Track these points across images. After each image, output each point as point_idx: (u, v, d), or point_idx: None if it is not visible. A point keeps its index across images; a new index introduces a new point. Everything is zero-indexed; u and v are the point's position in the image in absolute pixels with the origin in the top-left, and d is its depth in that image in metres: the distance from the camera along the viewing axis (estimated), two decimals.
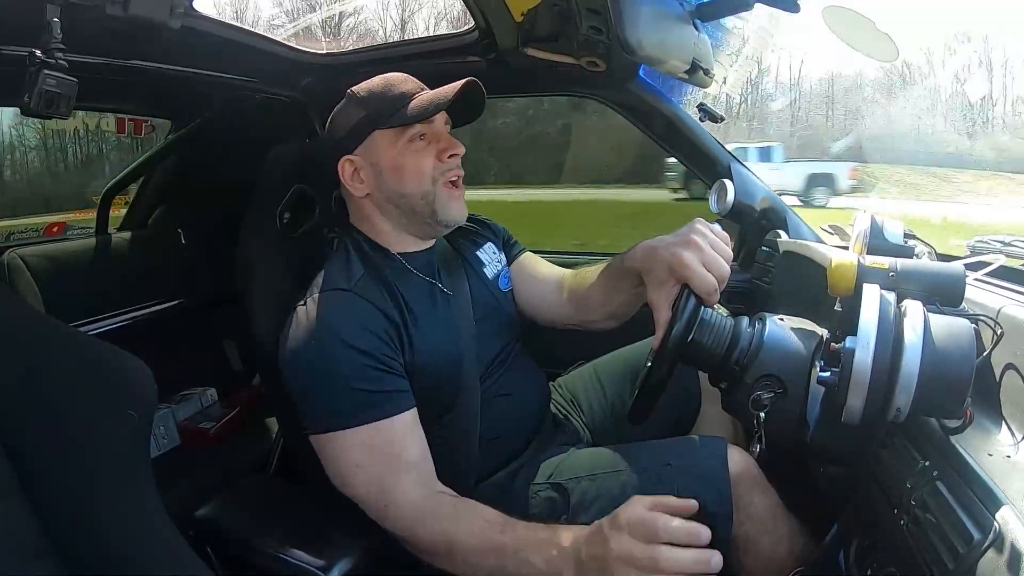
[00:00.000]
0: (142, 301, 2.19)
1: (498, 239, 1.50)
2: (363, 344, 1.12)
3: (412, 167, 1.24)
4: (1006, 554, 0.63)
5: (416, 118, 1.21)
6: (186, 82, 1.64)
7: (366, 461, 1.11)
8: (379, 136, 1.24)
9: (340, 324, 1.13)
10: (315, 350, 1.13)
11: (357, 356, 1.11)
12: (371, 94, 1.26)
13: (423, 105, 1.22)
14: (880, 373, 0.80)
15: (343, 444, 1.11)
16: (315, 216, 1.40)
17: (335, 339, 1.12)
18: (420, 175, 1.24)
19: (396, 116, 1.22)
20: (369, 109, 1.25)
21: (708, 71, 1.59)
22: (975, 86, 14.89)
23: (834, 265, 0.97)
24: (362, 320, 1.15)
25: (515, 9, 1.46)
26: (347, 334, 1.12)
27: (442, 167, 1.25)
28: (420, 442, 1.15)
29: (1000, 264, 1.11)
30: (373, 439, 1.11)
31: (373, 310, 1.17)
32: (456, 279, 1.34)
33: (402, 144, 1.23)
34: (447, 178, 1.26)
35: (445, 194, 1.26)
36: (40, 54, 1.06)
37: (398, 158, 1.24)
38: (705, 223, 1.11)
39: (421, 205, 1.26)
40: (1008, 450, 0.78)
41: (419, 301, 1.24)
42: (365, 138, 1.25)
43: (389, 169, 1.24)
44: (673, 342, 1.00)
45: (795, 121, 15.38)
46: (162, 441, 2.01)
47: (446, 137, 1.27)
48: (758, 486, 1.20)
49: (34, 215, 2.98)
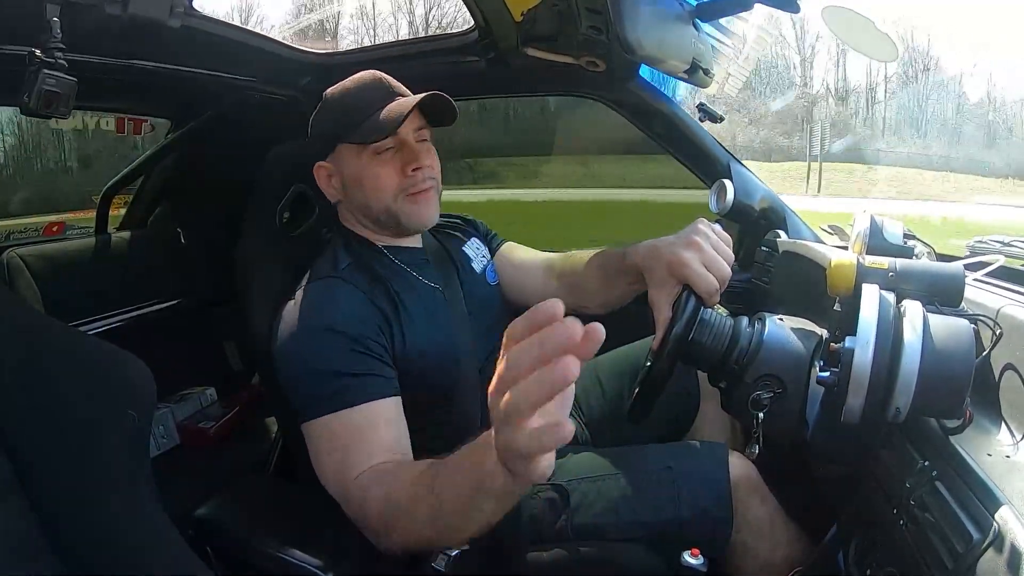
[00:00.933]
0: (141, 301, 2.19)
1: (480, 233, 1.50)
2: (347, 328, 1.11)
3: (373, 182, 1.22)
4: (1005, 554, 0.63)
5: (373, 137, 1.19)
6: (185, 81, 1.64)
7: (336, 447, 1.07)
8: (345, 148, 1.24)
9: (324, 310, 1.14)
10: (300, 338, 1.13)
11: (341, 340, 1.10)
12: (339, 103, 1.25)
13: (382, 121, 1.19)
14: (879, 373, 0.80)
15: (323, 430, 1.09)
16: (314, 216, 1.40)
17: (319, 325, 1.12)
18: (381, 191, 1.23)
19: (357, 132, 1.20)
20: (335, 120, 1.24)
21: (708, 71, 1.59)
22: (974, 87, 14.88)
23: (834, 265, 0.97)
24: (346, 304, 1.15)
25: (515, 9, 1.46)
26: (328, 318, 1.12)
27: (405, 182, 1.22)
28: (398, 431, 1.10)
29: (999, 264, 1.11)
30: (349, 423, 1.07)
31: (359, 294, 1.16)
32: (447, 275, 1.33)
33: (365, 157, 1.22)
34: (411, 191, 1.23)
35: (408, 207, 1.24)
36: (39, 53, 1.06)
37: (360, 172, 1.23)
38: (707, 224, 1.11)
39: (385, 217, 1.25)
40: (1007, 450, 0.78)
41: (408, 293, 1.23)
42: (333, 148, 1.25)
43: (352, 181, 1.25)
44: (673, 342, 1.00)
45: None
46: (161, 440, 2.01)
47: (411, 149, 1.23)
48: (757, 493, 1.20)
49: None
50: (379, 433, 1.08)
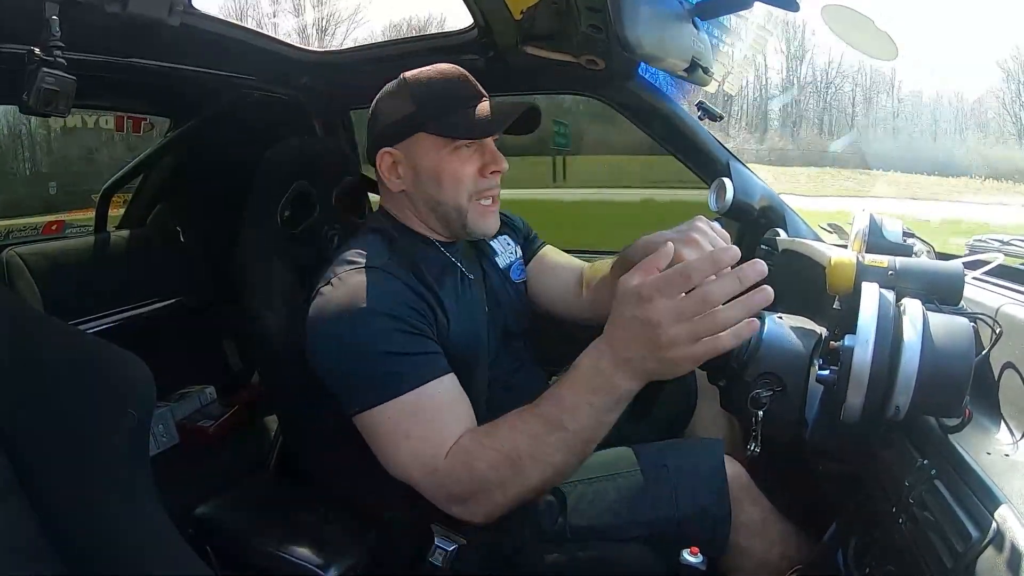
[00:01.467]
0: (141, 299, 2.19)
1: (517, 232, 1.48)
2: (396, 311, 1.09)
3: (451, 178, 1.20)
4: (1004, 553, 0.63)
5: (468, 134, 1.18)
6: (185, 80, 1.64)
7: (414, 429, 1.06)
8: (424, 137, 1.19)
9: (372, 297, 1.10)
10: (348, 326, 1.09)
11: (392, 323, 1.08)
12: (425, 90, 1.21)
13: (481, 120, 1.18)
14: (879, 371, 0.80)
15: (390, 416, 1.06)
16: (315, 214, 1.40)
17: (368, 311, 1.08)
18: (458, 187, 1.21)
19: (448, 125, 1.18)
20: (419, 107, 1.19)
21: (707, 69, 1.59)
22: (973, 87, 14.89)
23: (833, 263, 0.97)
24: (393, 293, 1.12)
25: (514, 7, 1.46)
26: (379, 305, 1.09)
27: (482, 183, 1.22)
28: (467, 405, 1.11)
29: (999, 263, 1.11)
30: (419, 404, 1.06)
31: (403, 287, 1.14)
32: (472, 265, 1.32)
33: (447, 152, 1.19)
34: (484, 195, 1.22)
35: (479, 210, 1.23)
36: (39, 52, 1.06)
37: (439, 165, 1.20)
38: (706, 221, 1.11)
39: (454, 215, 1.23)
40: (1007, 449, 0.78)
41: (446, 283, 1.22)
42: (411, 135, 1.20)
43: (428, 173, 1.21)
44: None
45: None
46: (161, 439, 2.01)
47: (492, 151, 1.22)
48: (748, 494, 1.20)
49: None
50: (455, 407, 1.09)
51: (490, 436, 1.03)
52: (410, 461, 1.06)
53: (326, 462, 1.16)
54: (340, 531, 1.12)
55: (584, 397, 0.96)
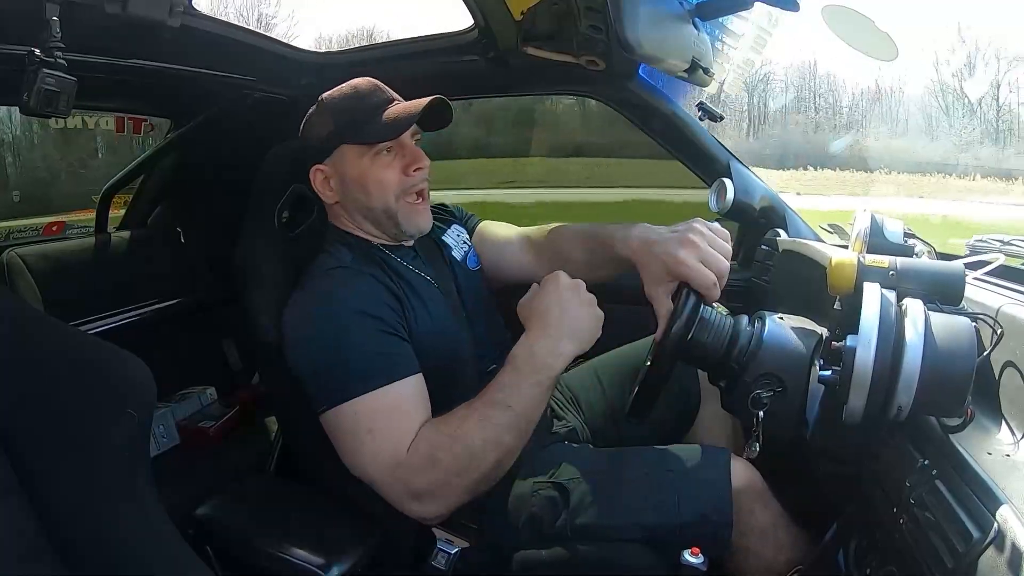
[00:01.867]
0: (141, 300, 2.18)
1: (458, 219, 1.51)
2: (369, 309, 1.15)
3: (376, 182, 1.26)
4: (1006, 553, 0.63)
5: (381, 137, 1.23)
6: (185, 81, 1.64)
7: (377, 425, 1.10)
8: (346, 149, 1.26)
9: (345, 293, 1.16)
10: (322, 322, 1.15)
11: (365, 320, 1.13)
12: (339, 106, 1.27)
13: (388, 122, 1.23)
14: (882, 372, 0.80)
15: (356, 412, 1.10)
16: (313, 215, 1.40)
17: (340, 307, 1.14)
18: (383, 190, 1.26)
19: (361, 132, 1.24)
20: (336, 122, 1.26)
21: (708, 70, 1.59)
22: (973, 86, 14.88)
23: (834, 264, 0.97)
24: (365, 288, 1.18)
25: (514, 8, 1.46)
26: (352, 302, 1.14)
27: (407, 182, 1.27)
28: (427, 404, 1.15)
29: (999, 263, 1.11)
30: (385, 402, 1.10)
31: (373, 281, 1.20)
32: (437, 266, 1.37)
33: (368, 159, 1.25)
34: (411, 192, 1.28)
35: (407, 208, 1.28)
36: (39, 53, 1.06)
37: (363, 173, 1.26)
38: (703, 222, 1.11)
39: (384, 218, 1.28)
40: (1007, 449, 0.78)
41: (408, 286, 1.26)
42: (333, 150, 1.27)
43: (354, 182, 1.27)
44: (673, 340, 1.00)
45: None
46: (161, 440, 2.01)
47: (412, 150, 1.28)
48: (760, 499, 1.20)
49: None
50: (417, 406, 1.14)
51: (447, 425, 1.10)
52: (372, 458, 1.10)
53: (326, 463, 1.16)
54: (341, 532, 1.12)
55: (528, 378, 1.11)
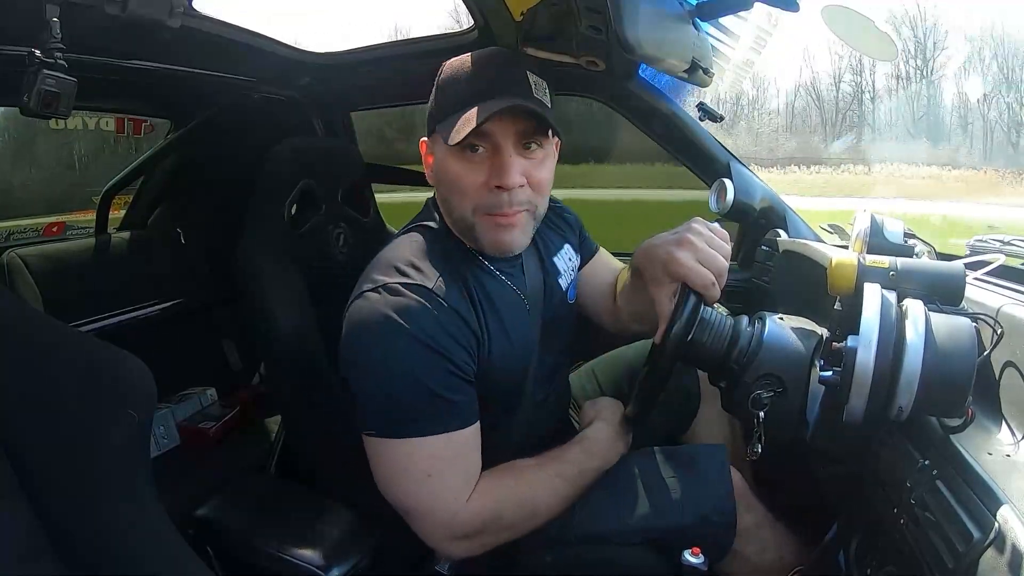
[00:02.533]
0: (141, 301, 2.19)
1: (575, 236, 1.42)
2: (444, 349, 1.04)
3: (455, 184, 1.10)
4: (1006, 553, 0.63)
5: (445, 138, 1.06)
6: (185, 81, 1.64)
7: (436, 471, 1.04)
8: (437, 133, 1.12)
9: (422, 325, 1.03)
10: (393, 347, 1.03)
11: (437, 360, 1.04)
12: (443, 83, 1.12)
13: (461, 123, 1.05)
14: (882, 372, 0.80)
15: (410, 452, 1.04)
16: (320, 212, 1.40)
17: (416, 339, 1.02)
18: (461, 196, 1.10)
19: (441, 125, 1.09)
20: (435, 102, 1.13)
21: (707, 70, 1.59)
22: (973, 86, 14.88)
23: (834, 264, 0.97)
24: (444, 324, 1.05)
25: (514, 8, 1.46)
26: (428, 336, 1.03)
27: (488, 199, 1.09)
28: (478, 453, 1.10)
29: (1000, 263, 1.11)
30: (445, 449, 1.04)
31: (454, 315, 1.07)
32: (536, 289, 1.26)
33: (455, 151, 1.08)
34: (489, 212, 1.10)
35: (487, 224, 1.11)
36: (39, 54, 1.06)
37: (446, 168, 1.11)
38: (702, 221, 1.09)
39: (462, 226, 1.14)
40: (1008, 449, 0.78)
41: (497, 305, 1.17)
42: (432, 131, 1.14)
43: (439, 174, 1.14)
44: (673, 341, 0.99)
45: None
46: (162, 441, 2.01)
47: (503, 160, 1.07)
48: (744, 500, 1.20)
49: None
50: (473, 456, 1.10)
51: (514, 483, 1.12)
52: (429, 501, 1.06)
53: (328, 463, 1.16)
54: (341, 532, 1.12)
55: (596, 463, 1.18)
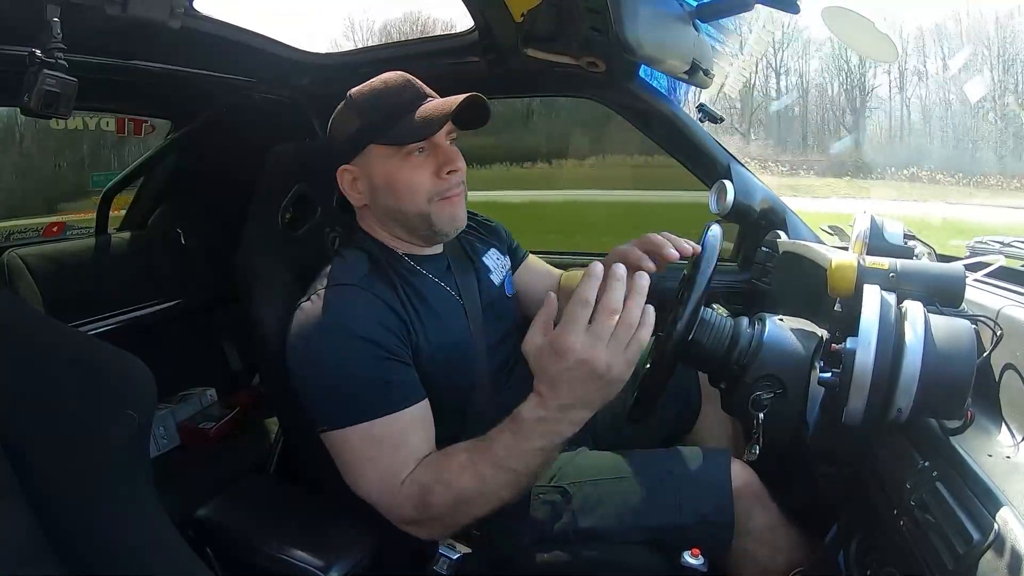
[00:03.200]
0: (142, 301, 2.19)
1: (502, 243, 1.48)
2: (373, 335, 1.09)
3: (407, 185, 1.18)
4: (1006, 555, 0.63)
5: (409, 139, 1.15)
6: (186, 82, 1.64)
7: (380, 453, 1.08)
8: (374, 149, 1.19)
9: (348, 317, 1.10)
10: (324, 344, 1.10)
11: (368, 347, 1.09)
12: (368, 103, 1.20)
13: (420, 121, 1.15)
14: (881, 374, 0.80)
15: (357, 438, 1.08)
16: (316, 215, 1.40)
17: (344, 331, 1.09)
18: (415, 194, 1.19)
19: (391, 133, 1.16)
20: (364, 121, 1.19)
21: (708, 71, 1.59)
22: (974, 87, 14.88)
23: (834, 266, 0.97)
24: (370, 312, 1.12)
25: (515, 9, 1.46)
26: (356, 326, 1.09)
27: (441, 185, 1.19)
28: (430, 432, 1.13)
29: (999, 265, 1.11)
30: (386, 431, 1.08)
31: (380, 303, 1.14)
32: (467, 283, 1.32)
33: (398, 160, 1.17)
34: (444, 195, 1.20)
35: (440, 207, 1.20)
36: (40, 54, 1.06)
37: (393, 174, 1.18)
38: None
39: (417, 221, 1.22)
40: (1008, 451, 0.78)
41: (426, 298, 1.22)
42: (361, 150, 1.20)
43: (383, 186, 1.20)
44: (673, 342, 1.00)
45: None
46: (162, 441, 2.01)
47: (445, 151, 1.19)
48: (759, 501, 1.20)
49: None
50: (417, 435, 1.11)
51: (443, 470, 1.07)
52: (371, 484, 1.09)
53: (327, 464, 1.15)
54: (341, 533, 1.12)
55: (533, 443, 1.01)
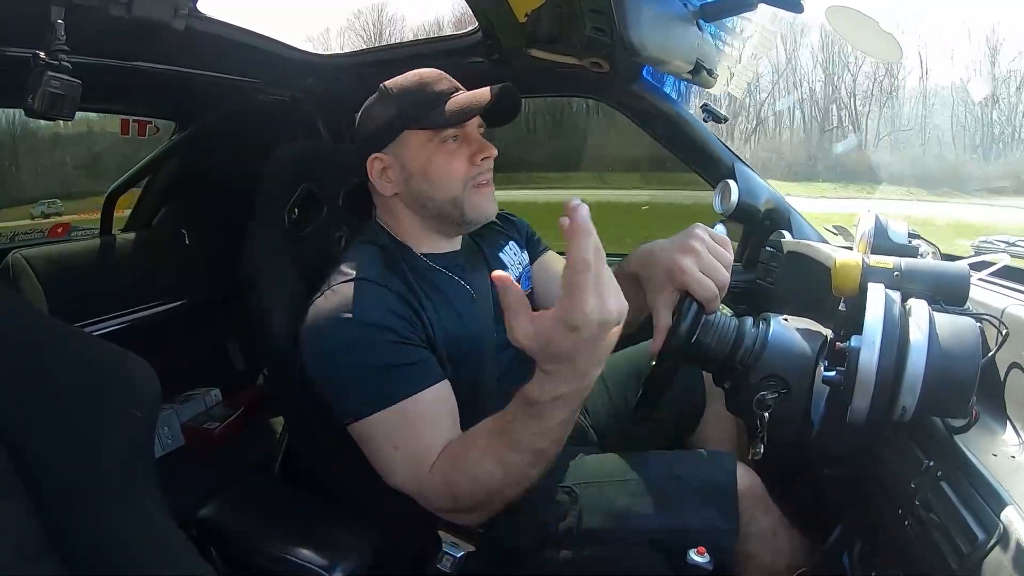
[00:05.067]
0: (146, 301, 2.20)
1: (521, 237, 1.48)
2: (385, 321, 1.10)
3: (442, 171, 1.21)
4: (1011, 554, 0.63)
5: (450, 122, 1.18)
6: (189, 83, 1.65)
7: (402, 440, 1.08)
8: (410, 136, 1.21)
9: (361, 309, 1.11)
10: (338, 337, 1.10)
11: (381, 333, 1.09)
12: (404, 91, 1.23)
13: (459, 108, 1.19)
14: (886, 373, 0.80)
15: (380, 426, 1.08)
16: (322, 215, 1.40)
17: (357, 323, 1.09)
18: (450, 180, 1.21)
19: (429, 117, 1.19)
20: (401, 107, 1.21)
21: (712, 71, 1.59)
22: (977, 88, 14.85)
23: (839, 265, 0.97)
24: (382, 303, 1.12)
25: (519, 10, 1.46)
26: (368, 316, 1.10)
27: (473, 171, 1.22)
28: (454, 413, 1.13)
29: (1004, 264, 1.11)
30: (406, 416, 1.08)
31: (393, 295, 1.15)
32: (480, 281, 1.31)
33: (433, 146, 1.20)
34: (477, 181, 1.22)
35: (474, 194, 1.23)
36: (44, 56, 1.06)
37: (429, 161, 1.21)
38: (705, 228, 1.09)
39: (449, 208, 1.23)
40: (1013, 450, 0.78)
41: (439, 291, 1.23)
42: (396, 137, 1.22)
43: (419, 171, 1.22)
44: (677, 342, 0.99)
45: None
46: (166, 441, 2.02)
47: (478, 139, 1.23)
48: (761, 504, 1.20)
49: None
50: (440, 416, 1.11)
51: (464, 459, 1.05)
52: (399, 471, 1.09)
53: (331, 463, 1.16)
54: (344, 533, 1.12)
55: (554, 419, 0.95)
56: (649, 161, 4.80)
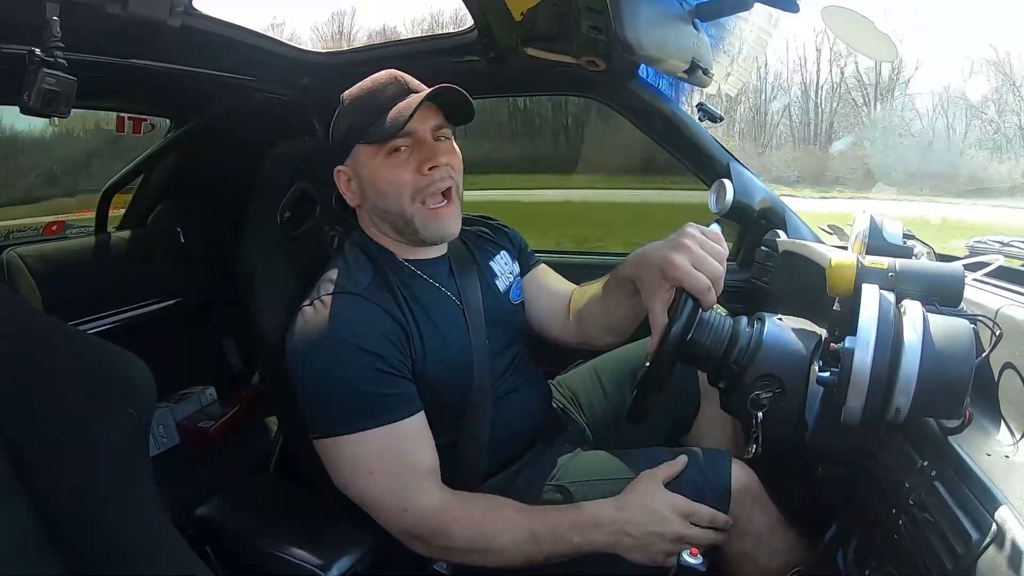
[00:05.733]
0: (141, 300, 2.19)
1: (513, 247, 1.47)
2: (374, 347, 1.10)
3: (387, 183, 1.19)
4: (1005, 554, 0.63)
5: (386, 135, 1.15)
6: (185, 81, 1.64)
7: (380, 466, 1.09)
8: (361, 149, 1.20)
9: (350, 327, 1.11)
10: (324, 353, 1.11)
11: (368, 359, 1.10)
12: (354, 102, 1.22)
13: (391, 119, 1.15)
14: (880, 373, 0.80)
15: (353, 449, 1.10)
16: (316, 214, 1.40)
17: (345, 342, 1.10)
18: (396, 192, 1.19)
19: (370, 132, 1.17)
20: (352, 120, 1.21)
21: (707, 71, 1.59)
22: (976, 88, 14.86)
23: (833, 265, 0.97)
24: (372, 324, 1.13)
25: (515, 8, 1.45)
26: (357, 337, 1.10)
27: (421, 181, 1.18)
28: (431, 445, 1.14)
29: (999, 264, 1.11)
30: (386, 443, 1.09)
31: (383, 314, 1.15)
32: (469, 288, 1.31)
33: (380, 158, 1.18)
34: (428, 193, 1.19)
35: (426, 213, 1.20)
36: (39, 52, 1.05)
37: (376, 173, 1.20)
38: (697, 226, 1.10)
39: (401, 223, 1.22)
40: (1006, 450, 0.78)
41: (428, 307, 1.22)
42: (351, 150, 1.22)
43: (370, 184, 1.21)
44: (672, 341, 1.00)
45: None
46: (161, 440, 2.01)
47: (428, 147, 1.18)
48: (758, 503, 1.20)
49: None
50: (418, 449, 1.13)
51: (483, 515, 1.12)
52: (375, 496, 1.11)
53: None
54: (341, 532, 1.12)
55: (575, 536, 1.11)
56: (643, 161, 4.76)
